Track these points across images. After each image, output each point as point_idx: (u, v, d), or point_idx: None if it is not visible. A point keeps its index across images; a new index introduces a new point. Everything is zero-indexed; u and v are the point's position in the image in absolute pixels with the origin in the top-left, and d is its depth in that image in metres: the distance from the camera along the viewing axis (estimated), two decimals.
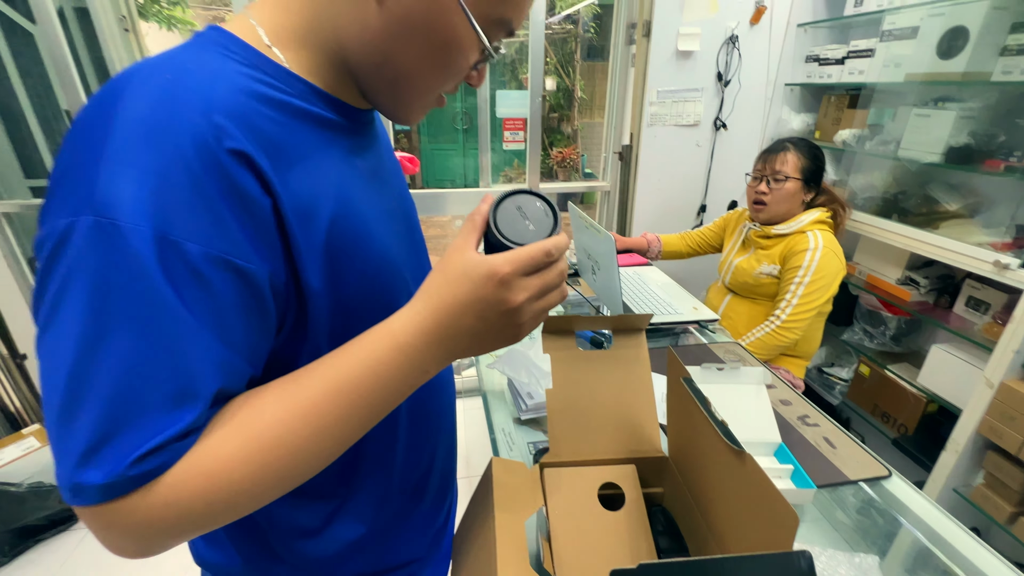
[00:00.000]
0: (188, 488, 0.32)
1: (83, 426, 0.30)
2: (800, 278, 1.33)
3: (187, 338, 0.32)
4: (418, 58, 0.40)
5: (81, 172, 0.31)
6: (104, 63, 1.79)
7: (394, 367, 0.36)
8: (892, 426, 1.63)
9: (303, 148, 0.39)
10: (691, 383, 0.49)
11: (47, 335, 0.31)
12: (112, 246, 0.30)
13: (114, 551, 0.33)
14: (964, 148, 1.36)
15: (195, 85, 0.33)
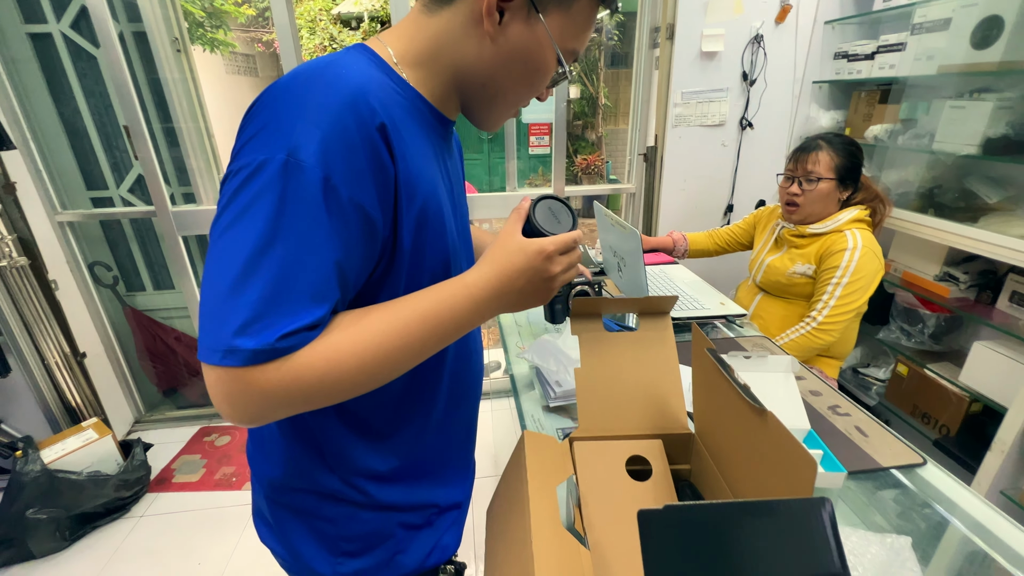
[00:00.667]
0: (312, 367, 0.43)
1: (248, 302, 0.40)
2: (838, 278, 1.30)
3: (329, 253, 0.43)
4: (515, 80, 0.54)
5: (280, 125, 0.42)
6: (159, 83, 1.93)
7: (464, 308, 0.50)
8: (933, 427, 1.57)
9: (414, 140, 0.50)
10: (715, 353, 0.51)
11: (230, 233, 0.41)
12: (296, 177, 0.41)
13: (233, 415, 0.43)
14: (1003, 139, 1.32)
15: (356, 77, 0.45)
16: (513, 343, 1.22)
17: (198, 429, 2.24)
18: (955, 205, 1.52)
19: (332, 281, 0.44)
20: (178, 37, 1.94)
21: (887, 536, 0.63)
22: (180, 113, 2.00)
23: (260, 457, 0.63)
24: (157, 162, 1.84)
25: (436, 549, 0.68)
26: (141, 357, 2.27)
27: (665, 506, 0.35)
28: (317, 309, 0.43)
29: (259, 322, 0.40)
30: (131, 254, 2.16)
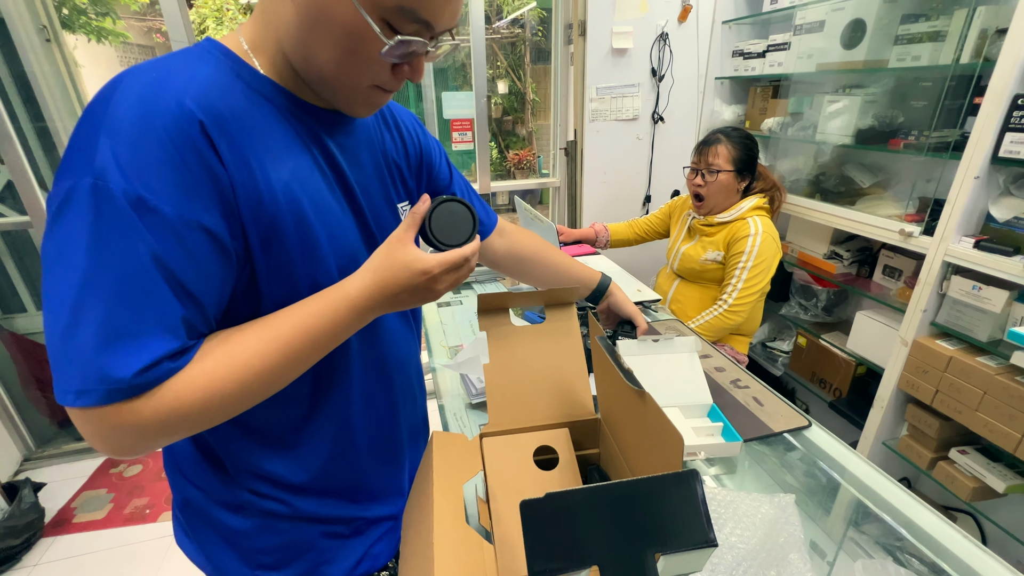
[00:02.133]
0: (189, 396, 0.41)
1: (86, 342, 0.38)
2: (743, 263, 1.41)
3: (164, 277, 0.40)
4: (329, 49, 0.45)
5: (84, 146, 0.39)
6: (25, 77, 1.71)
7: (345, 318, 0.49)
8: (828, 391, 1.75)
9: (261, 137, 0.46)
10: (604, 340, 0.53)
11: (54, 271, 0.39)
12: (107, 202, 0.38)
13: (109, 450, 0.41)
14: (870, 130, 1.48)
15: (173, 81, 0.42)
16: (437, 342, 1.21)
17: (103, 460, 2.03)
18: (837, 190, 1.68)
19: (178, 306, 0.41)
20: (46, 25, 1.73)
21: (775, 496, 0.69)
22: (55, 111, 1.78)
23: (171, 470, 0.61)
24: (30, 166, 1.63)
25: (366, 558, 0.65)
26: (26, 386, 2.01)
27: (546, 495, 0.36)
28: (170, 337, 0.41)
29: (106, 358, 0.38)
30: (4, 271, 1.91)
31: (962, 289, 1.24)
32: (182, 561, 1.55)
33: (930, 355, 1.31)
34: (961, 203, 1.20)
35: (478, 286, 1.54)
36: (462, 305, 1.41)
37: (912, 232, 1.33)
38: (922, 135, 1.37)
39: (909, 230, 1.33)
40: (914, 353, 1.35)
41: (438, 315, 1.35)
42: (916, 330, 1.34)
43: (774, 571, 0.58)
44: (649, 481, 0.37)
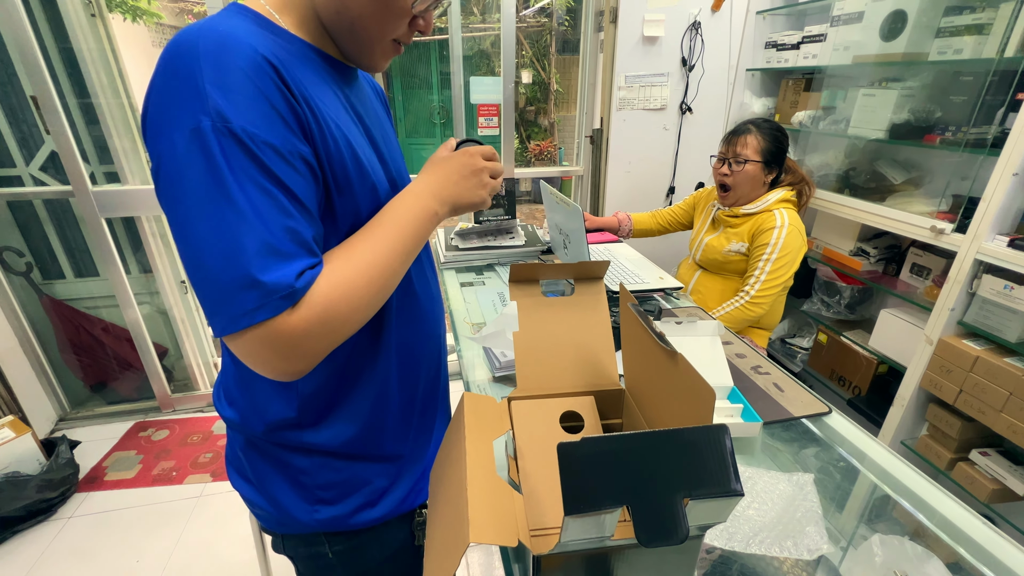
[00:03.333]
0: (335, 296, 0.47)
1: (249, 261, 0.42)
2: (768, 255, 1.40)
3: (294, 201, 0.45)
4: (364, 4, 0.51)
5: (189, 93, 0.42)
6: (72, 52, 1.77)
7: (420, 209, 0.57)
8: (847, 388, 1.74)
9: (310, 83, 0.50)
10: (636, 307, 0.55)
11: (193, 207, 0.42)
12: (228, 139, 0.42)
13: (287, 367, 0.46)
14: (905, 124, 1.46)
15: (238, 33, 0.45)
16: (461, 319, 1.24)
17: (132, 424, 2.12)
18: (867, 185, 1.66)
19: (307, 226, 0.47)
20: (91, 1, 1.78)
21: (793, 474, 0.71)
22: (99, 87, 1.84)
23: (238, 413, 0.63)
24: (73, 138, 1.70)
25: (412, 493, 0.70)
26: (63, 350, 2.10)
27: (582, 438, 0.38)
28: (306, 253, 0.46)
29: (268, 274, 0.42)
30: (46, 238, 1.99)
31: (993, 288, 1.22)
32: (206, 520, 1.63)
33: (956, 354, 1.29)
34: (997, 200, 1.18)
35: (500, 268, 1.57)
36: (484, 286, 1.44)
37: (944, 229, 1.31)
38: (960, 131, 1.34)
39: (941, 227, 1.31)
40: (939, 352, 1.34)
41: (461, 295, 1.38)
42: (943, 329, 1.32)
43: (791, 541, 0.59)
44: (681, 432, 0.39)
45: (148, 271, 2.08)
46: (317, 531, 0.65)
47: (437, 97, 6.68)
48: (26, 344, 1.98)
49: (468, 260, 1.54)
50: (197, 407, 2.22)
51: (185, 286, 2.18)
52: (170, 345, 2.25)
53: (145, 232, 1.97)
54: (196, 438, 2.04)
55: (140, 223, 1.95)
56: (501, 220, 1.62)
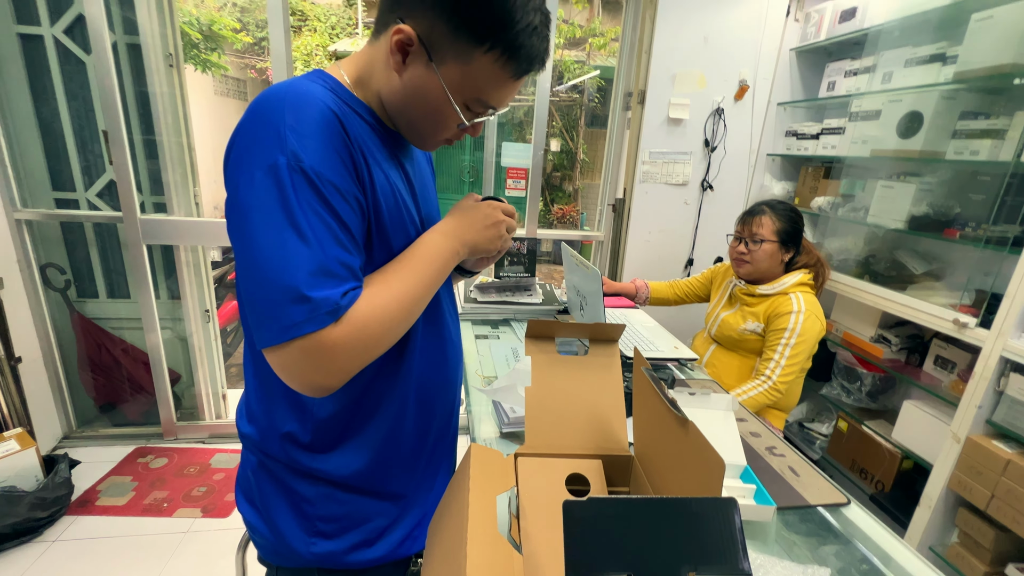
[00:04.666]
0: (371, 315, 0.52)
1: (302, 280, 0.47)
2: (786, 339, 1.39)
3: (345, 234, 0.51)
4: (419, 114, 0.60)
5: (272, 135, 0.49)
6: (147, 95, 1.96)
7: (443, 247, 0.63)
8: (870, 482, 1.64)
9: (368, 142, 0.57)
10: (649, 371, 0.56)
11: (259, 229, 0.48)
12: (299, 175, 0.48)
13: (324, 380, 0.50)
14: (924, 217, 1.48)
15: (316, 93, 0.53)
16: (474, 371, 1.24)
17: (132, 449, 2.10)
18: (888, 273, 1.66)
19: (356, 255, 0.53)
20: (172, 53, 1.99)
21: (808, 567, 0.67)
22: (164, 126, 2.01)
23: (255, 432, 0.65)
24: (132, 169, 1.83)
25: (409, 539, 0.70)
26: (82, 367, 2.15)
27: (588, 498, 0.38)
28: (354, 271, 0.52)
29: (318, 291, 0.48)
30: (88, 259, 2.09)
31: (1022, 388, 1.18)
32: (191, 558, 1.57)
33: (985, 455, 1.23)
34: (1021, 298, 1.17)
35: (516, 324, 1.58)
36: (499, 340, 1.45)
37: (968, 323, 1.29)
38: (980, 227, 1.36)
39: (964, 320, 1.29)
40: (967, 452, 1.27)
41: (475, 347, 1.39)
42: (970, 427, 1.27)
43: None
44: (689, 501, 0.38)
45: (176, 297, 2.16)
46: (312, 565, 0.65)
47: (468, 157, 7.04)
48: (48, 358, 2.03)
49: (485, 313, 1.56)
50: (199, 437, 2.20)
51: (208, 315, 2.24)
52: (183, 372, 2.28)
53: (180, 261, 2.07)
54: (193, 470, 2.01)
55: (177, 252, 2.05)
56: (520, 277, 1.65)
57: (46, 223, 1.98)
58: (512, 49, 0.54)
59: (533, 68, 0.57)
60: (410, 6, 0.54)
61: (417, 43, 0.54)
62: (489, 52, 0.54)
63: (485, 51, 0.54)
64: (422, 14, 0.53)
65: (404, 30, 0.53)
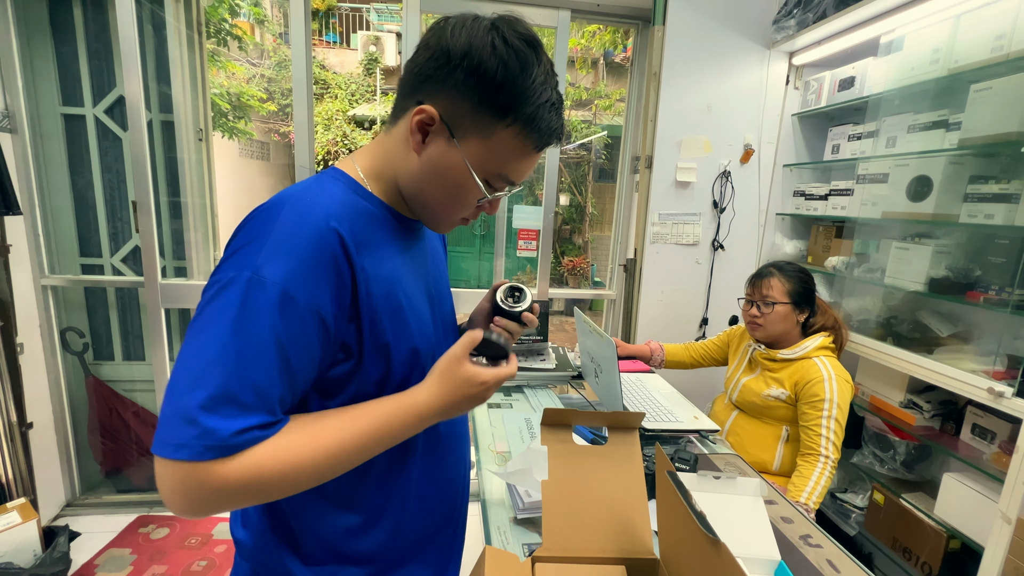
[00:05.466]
0: (269, 466, 0.48)
1: (201, 401, 0.45)
2: (828, 411, 1.33)
3: (280, 357, 0.48)
4: (438, 193, 0.60)
5: (252, 247, 0.49)
6: (175, 162, 2.06)
7: (411, 422, 0.58)
8: (915, 564, 1.51)
9: (375, 245, 0.58)
10: (674, 476, 0.53)
11: (196, 339, 0.47)
12: (257, 292, 0.47)
13: (184, 508, 0.46)
14: (944, 280, 1.45)
15: (324, 203, 0.54)
16: (486, 445, 1.20)
17: (135, 518, 2.04)
18: (911, 336, 1.61)
19: (280, 386, 0.49)
20: (202, 128, 2.11)
21: None
22: (190, 191, 2.10)
23: (248, 539, 0.63)
24: (156, 235, 1.90)
25: None
26: (91, 431, 2.13)
27: None
28: (264, 412, 0.48)
29: (211, 418, 0.45)
30: (108, 322, 2.13)
31: None
32: None
33: None
34: None
35: (529, 391, 1.55)
36: (512, 409, 1.41)
37: (1004, 392, 1.23)
38: (1004, 291, 1.32)
39: (1000, 390, 1.23)
40: (1021, 534, 1.17)
41: (487, 416, 1.36)
42: (1020, 506, 1.18)
43: None
44: None
45: None
46: None
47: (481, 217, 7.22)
48: (60, 423, 2.02)
49: None
50: None
51: None
52: None
53: None
54: (194, 541, 1.94)
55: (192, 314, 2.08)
56: (533, 341, 1.64)
57: (71, 288, 2.04)
58: (531, 123, 0.55)
59: (551, 142, 0.59)
60: (431, 88, 0.55)
61: (439, 121, 0.55)
62: (510, 127, 0.55)
63: (506, 126, 0.55)
64: (444, 94, 0.54)
65: (426, 109, 0.55)
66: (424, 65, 0.55)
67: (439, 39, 0.54)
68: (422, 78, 0.55)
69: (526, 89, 0.54)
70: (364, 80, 7.80)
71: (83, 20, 1.89)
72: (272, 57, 7.11)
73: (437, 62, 0.54)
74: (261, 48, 6.99)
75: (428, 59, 0.54)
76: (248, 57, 6.46)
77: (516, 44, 0.53)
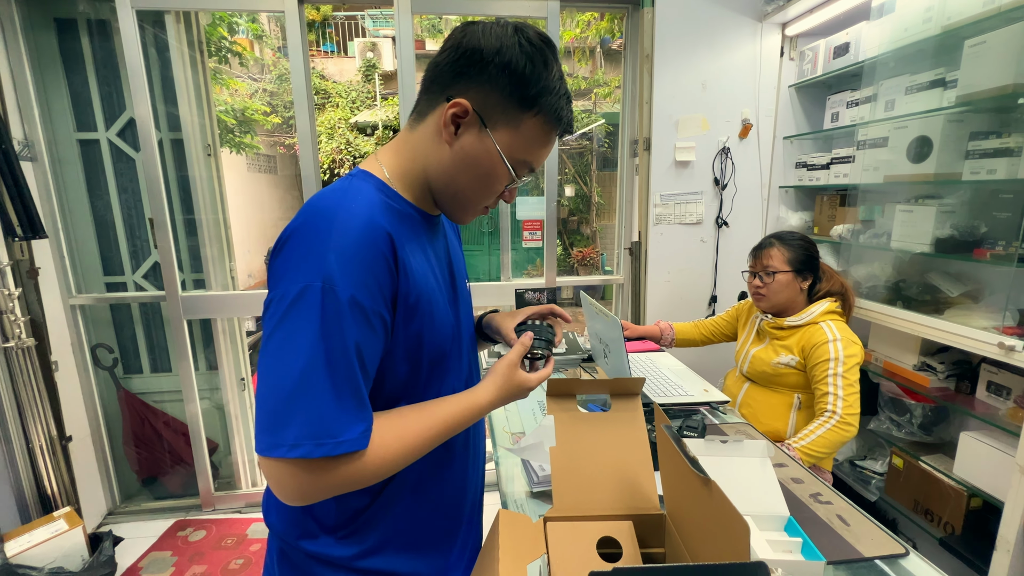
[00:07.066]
0: (370, 461, 0.56)
1: (309, 405, 0.52)
2: (834, 369, 1.33)
3: (358, 362, 0.55)
4: (469, 181, 0.64)
5: (314, 255, 0.53)
6: (187, 180, 2.13)
7: (473, 414, 0.67)
8: (937, 525, 1.52)
9: (408, 245, 0.62)
10: (669, 429, 0.55)
11: (284, 347, 0.52)
12: (331, 300, 0.52)
13: (298, 497, 0.54)
14: (950, 239, 1.45)
15: (365, 208, 0.57)
16: (501, 428, 1.24)
17: (173, 522, 2.13)
18: (921, 298, 1.61)
19: (367, 379, 0.57)
20: (210, 144, 2.18)
21: None
22: (203, 207, 2.17)
23: (279, 523, 0.68)
24: (174, 250, 1.97)
25: None
26: (126, 442, 2.22)
27: (614, 568, 0.38)
28: (369, 407, 0.57)
29: (339, 418, 0.53)
30: (134, 336, 2.22)
31: None
32: None
33: None
34: None
35: None
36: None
37: (1015, 346, 1.23)
38: (1011, 245, 1.31)
39: (1010, 344, 1.23)
40: None
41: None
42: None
43: None
44: (715, 568, 0.38)
45: (213, 368, 2.25)
46: None
47: None
48: (96, 435, 2.11)
49: None
50: (236, 507, 2.22)
51: (244, 383, 2.31)
52: (220, 441, 2.33)
53: (217, 331, 2.17)
54: (231, 541, 2.02)
55: (215, 323, 2.16)
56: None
57: (97, 306, 2.13)
58: (552, 112, 0.61)
59: (568, 131, 0.65)
60: (463, 84, 0.60)
61: (472, 112, 0.59)
62: (536, 116, 0.61)
63: (533, 115, 0.61)
64: (476, 88, 0.59)
65: (460, 103, 0.59)
66: (455, 64, 0.59)
67: (469, 40, 0.59)
68: (452, 75, 0.60)
69: (549, 82, 0.60)
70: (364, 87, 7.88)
71: (91, 48, 1.97)
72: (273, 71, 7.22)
73: (470, 59, 0.58)
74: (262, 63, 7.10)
75: (458, 58, 0.59)
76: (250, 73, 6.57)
77: (538, 43, 0.59)
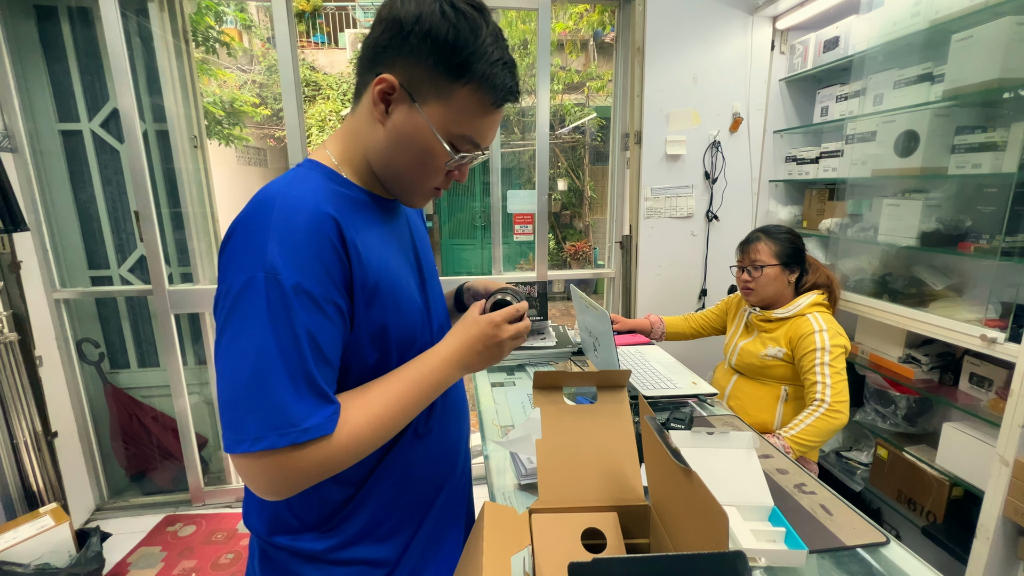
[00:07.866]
0: (341, 443, 0.54)
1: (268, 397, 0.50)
2: (820, 358, 1.34)
3: (311, 350, 0.52)
4: (407, 162, 0.61)
5: (255, 247, 0.52)
6: (174, 172, 2.10)
7: (441, 373, 0.63)
8: (920, 514, 1.55)
9: (361, 230, 0.59)
10: (653, 420, 0.56)
11: (235, 342, 0.51)
12: (275, 290, 0.51)
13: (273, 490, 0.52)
14: (935, 233, 1.46)
15: (309, 193, 0.56)
16: (490, 421, 1.24)
17: (162, 518, 2.12)
18: (907, 291, 1.63)
19: (327, 365, 0.55)
20: (196, 135, 2.15)
21: None
22: (190, 200, 2.14)
23: (258, 524, 0.67)
24: (161, 244, 1.95)
25: None
26: (114, 437, 2.20)
27: (594, 559, 0.38)
28: (330, 393, 0.54)
29: (299, 407, 0.51)
30: (121, 331, 2.19)
31: None
32: None
33: None
34: None
35: (531, 369, 1.58)
36: (515, 387, 1.45)
37: (996, 338, 1.25)
38: (994, 239, 1.33)
39: (992, 336, 1.25)
40: (1018, 476, 1.20)
41: (491, 395, 1.39)
42: (1017, 448, 1.20)
43: None
44: (695, 557, 0.38)
45: (203, 362, 2.23)
46: None
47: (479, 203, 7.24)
48: (83, 431, 2.09)
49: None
50: (226, 502, 2.21)
51: None
52: (210, 435, 2.31)
53: (206, 325, 2.15)
54: (220, 536, 2.01)
55: (203, 318, 2.13)
56: (533, 321, 1.67)
57: (82, 300, 2.09)
58: (486, 80, 0.57)
59: (508, 98, 0.60)
60: (388, 59, 0.57)
61: (399, 88, 0.57)
62: (467, 85, 0.57)
63: (463, 84, 0.57)
64: (402, 62, 0.56)
65: (385, 79, 0.56)
66: (378, 38, 0.57)
67: (389, 11, 0.56)
68: (378, 51, 0.58)
69: (477, 48, 0.56)
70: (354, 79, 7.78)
71: (72, 36, 1.93)
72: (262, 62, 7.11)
73: (390, 32, 0.56)
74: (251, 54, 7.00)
75: (382, 32, 0.57)
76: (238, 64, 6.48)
77: (463, 8, 0.55)
